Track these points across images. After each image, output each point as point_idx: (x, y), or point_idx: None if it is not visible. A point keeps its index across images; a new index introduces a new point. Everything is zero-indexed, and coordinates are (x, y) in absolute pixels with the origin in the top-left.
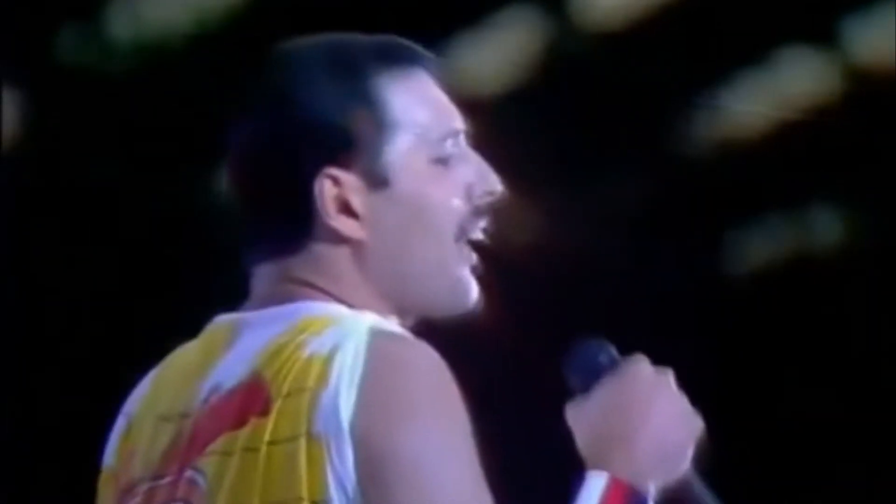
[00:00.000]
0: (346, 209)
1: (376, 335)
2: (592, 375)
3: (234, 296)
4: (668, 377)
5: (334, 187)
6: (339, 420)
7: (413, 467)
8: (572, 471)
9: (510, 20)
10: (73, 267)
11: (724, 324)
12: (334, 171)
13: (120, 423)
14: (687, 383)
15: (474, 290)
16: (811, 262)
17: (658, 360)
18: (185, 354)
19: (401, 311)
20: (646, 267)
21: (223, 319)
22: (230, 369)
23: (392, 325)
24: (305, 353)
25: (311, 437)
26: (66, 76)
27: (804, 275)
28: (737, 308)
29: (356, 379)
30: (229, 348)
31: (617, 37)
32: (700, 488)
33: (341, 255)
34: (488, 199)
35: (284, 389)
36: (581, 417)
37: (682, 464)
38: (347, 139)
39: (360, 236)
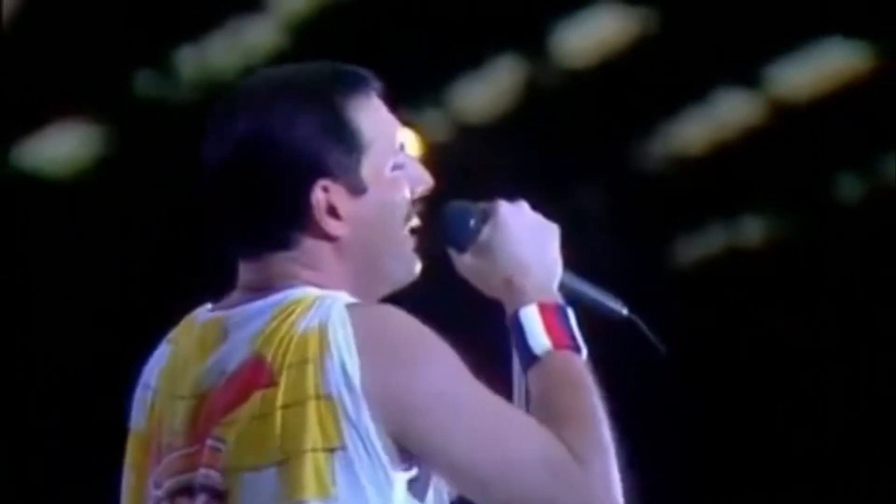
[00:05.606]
0: (333, 212)
1: (352, 308)
2: (468, 236)
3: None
4: (523, 204)
5: (325, 195)
6: (350, 382)
7: (438, 404)
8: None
9: (499, 62)
10: (166, 285)
11: (673, 307)
12: (326, 182)
13: (144, 394)
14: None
15: (418, 263)
16: (741, 258)
17: (621, 341)
18: (185, 342)
19: (367, 290)
20: (609, 261)
21: (212, 316)
22: (231, 356)
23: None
24: (298, 330)
25: (322, 398)
26: (143, 109)
27: (736, 268)
28: (683, 293)
29: (352, 347)
30: (224, 340)
31: (586, 76)
32: (578, 282)
33: (325, 248)
34: (424, 192)
35: (287, 361)
36: (478, 269)
37: (559, 265)
38: (335, 160)
39: (343, 233)
